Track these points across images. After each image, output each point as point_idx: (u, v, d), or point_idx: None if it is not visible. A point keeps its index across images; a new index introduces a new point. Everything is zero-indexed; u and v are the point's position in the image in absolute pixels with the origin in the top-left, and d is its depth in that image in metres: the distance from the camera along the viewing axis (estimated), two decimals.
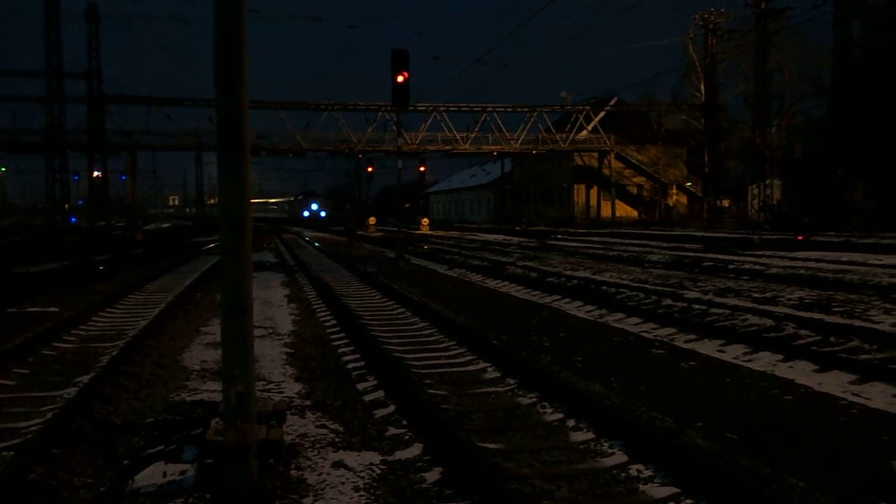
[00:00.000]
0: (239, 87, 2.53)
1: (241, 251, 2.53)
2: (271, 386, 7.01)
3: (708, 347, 8.51)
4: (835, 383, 6.72)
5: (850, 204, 36.54)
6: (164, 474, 4.49)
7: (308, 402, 6.41)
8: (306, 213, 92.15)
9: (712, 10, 50.52)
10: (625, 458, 4.86)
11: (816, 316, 9.99)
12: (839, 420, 5.64)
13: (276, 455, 4.66)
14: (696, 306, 11.30)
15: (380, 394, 6.65)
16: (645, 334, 9.48)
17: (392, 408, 6.17)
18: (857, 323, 9.40)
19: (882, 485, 4.33)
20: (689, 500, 4.19)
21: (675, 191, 61.06)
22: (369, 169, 64.93)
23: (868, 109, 34.06)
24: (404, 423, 5.75)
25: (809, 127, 46.62)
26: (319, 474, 4.64)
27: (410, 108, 36.15)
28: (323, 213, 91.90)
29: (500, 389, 6.87)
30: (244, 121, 2.55)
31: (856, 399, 6.17)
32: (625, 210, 61.35)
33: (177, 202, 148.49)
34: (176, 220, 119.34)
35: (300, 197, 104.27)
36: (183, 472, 4.49)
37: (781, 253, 22.49)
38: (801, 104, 50.37)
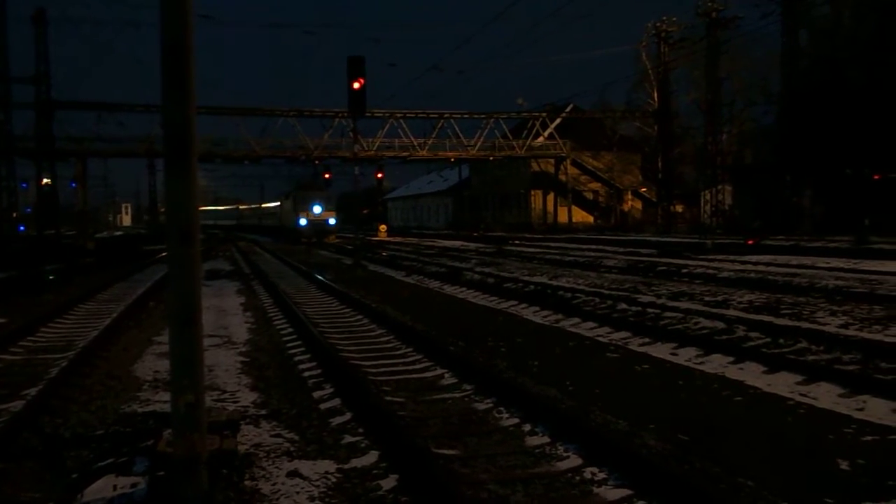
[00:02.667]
0: (186, 94, 2.51)
1: (188, 260, 2.50)
2: (226, 395, 6.93)
3: (661, 350, 8.64)
4: (783, 384, 6.87)
5: (798, 209, 37.42)
6: (115, 487, 4.40)
7: (263, 412, 6.34)
8: (303, 222, 48.98)
9: (664, 18, 51.41)
10: (580, 462, 4.91)
11: (766, 318, 10.21)
12: (787, 420, 5.77)
13: (230, 465, 4.61)
14: (650, 310, 11.47)
15: (336, 402, 6.61)
16: (600, 338, 9.58)
17: (349, 415, 6.14)
18: (805, 325, 9.63)
19: (828, 483, 4.44)
20: (641, 502, 4.25)
21: (630, 196, 61.88)
22: (326, 175, 64.52)
23: (815, 117, 34.95)
24: (361, 430, 5.73)
25: (759, 133, 47.70)
26: (274, 484, 4.60)
27: (367, 114, 36.04)
28: (332, 221, 49.81)
29: (456, 395, 6.88)
30: (192, 128, 2.53)
31: (803, 399, 6.32)
32: (581, 216, 61.96)
33: (129, 210, 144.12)
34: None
35: (294, 194, 53.67)
36: (134, 485, 4.41)
37: (733, 257, 22.94)
38: (751, 111, 51.51)
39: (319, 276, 18.54)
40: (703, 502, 3.95)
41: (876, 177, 31.45)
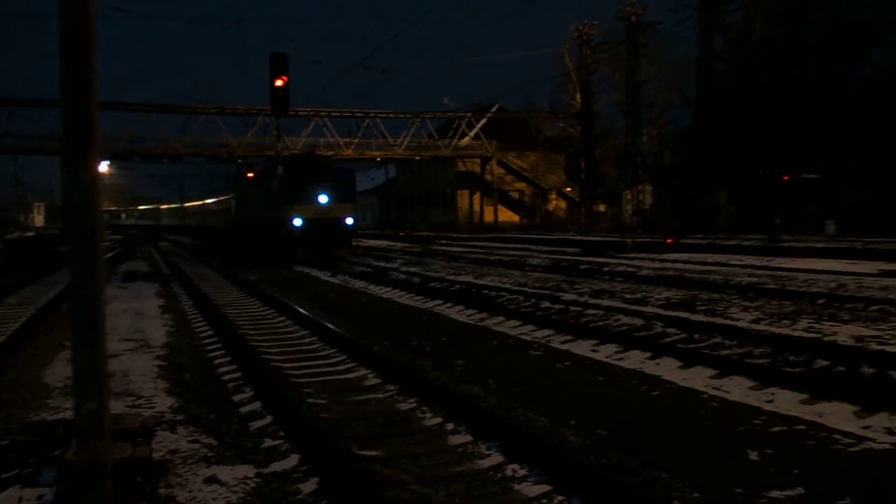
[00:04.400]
0: (87, 87, 2.40)
1: (91, 261, 2.40)
2: (141, 401, 6.71)
3: (583, 348, 8.79)
4: (698, 378, 7.08)
5: (714, 208, 38.73)
6: (20, 499, 4.22)
7: (180, 417, 6.16)
8: (298, 222, 25.61)
9: (586, 21, 52.47)
10: (501, 459, 4.94)
11: (682, 315, 10.51)
12: (701, 413, 5.95)
13: (143, 473, 4.46)
14: (573, 308, 11.66)
15: (256, 405, 6.49)
16: (524, 336, 9.69)
17: (269, 419, 6.03)
18: (719, 320, 9.96)
19: (739, 473, 4.59)
20: (560, 497, 4.31)
21: (554, 196, 62.88)
22: (250, 174, 63.34)
23: (729, 120, 36.22)
24: (281, 434, 5.63)
25: (677, 135, 49.13)
26: (190, 491, 4.48)
27: (291, 112, 35.54)
28: (350, 221, 26.80)
29: (379, 396, 6.84)
30: (93, 123, 2.43)
31: (716, 393, 6.52)
32: (507, 215, 62.62)
33: (41, 210, 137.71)
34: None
35: (275, 173, 28.02)
36: (40, 497, 4.24)
37: (652, 255, 23.57)
38: (669, 113, 53.02)
39: (242, 277, 18.17)
40: (620, 495, 4.02)
41: (785, 178, 32.82)
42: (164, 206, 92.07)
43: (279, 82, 18.26)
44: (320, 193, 25.38)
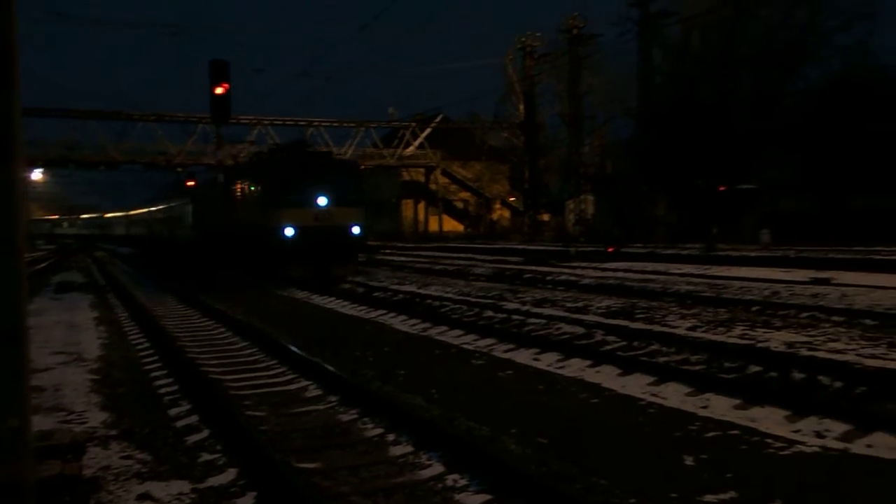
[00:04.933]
0: (9, 92, 2.33)
1: (11, 270, 2.32)
2: (73, 416, 6.50)
3: (525, 356, 8.84)
4: (636, 385, 7.19)
5: (653, 217, 39.53)
6: None
7: (113, 432, 5.99)
8: (290, 231, 19.24)
9: (528, 33, 53.14)
10: (442, 469, 4.93)
11: (622, 323, 10.67)
12: (638, 420, 6.04)
13: (72, 491, 4.32)
14: (515, 317, 11.74)
15: (193, 419, 6.35)
16: (466, 346, 9.70)
17: (206, 433, 5.90)
18: (657, 328, 10.14)
19: (675, 478, 4.67)
20: None
21: (498, 205, 63.34)
22: (190, 183, 62.24)
23: (668, 131, 37.07)
24: (219, 448, 5.51)
25: (619, 146, 50.03)
26: None
27: (233, 120, 35.09)
28: (357, 230, 20.26)
29: (320, 407, 6.77)
30: (16, 129, 2.35)
31: (654, 399, 6.64)
32: (452, 224, 62.83)
33: None
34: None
35: (262, 165, 22.73)
36: None
37: (594, 264, 23.91)
38: (611, 124, 53.92)
39: (180, 286, 17.80)
40: (560, 502, 4.05)
41: (722, 188, 33.70)
42: (109, 215, 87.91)
43: (220, 90, 17.92)
44: (319, 194, 19.50)
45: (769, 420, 5.90)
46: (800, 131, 34.46)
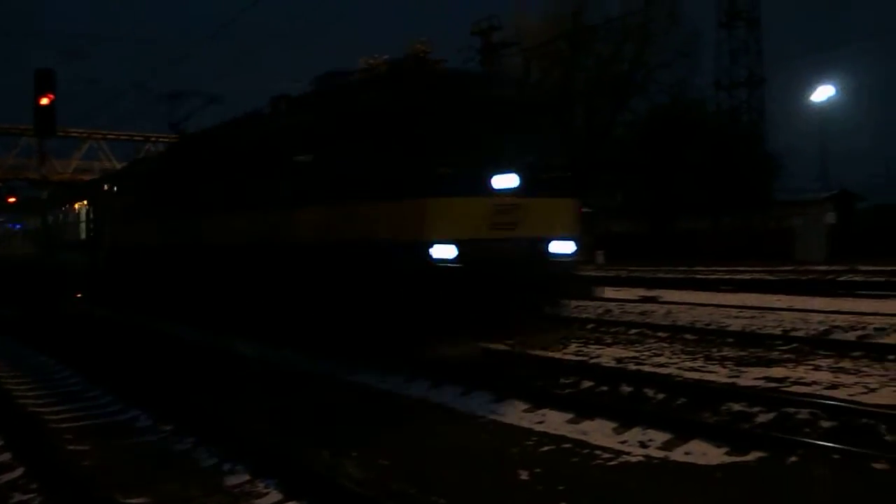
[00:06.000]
0: None
1: None
2: None
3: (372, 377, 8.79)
4: (476, 404, 7.33)
5: None
6: None
7: None
8: (445, 252, 7.86)
9: (376, 55, 53.45)
10: (280, 497, 4.80)
11: None
12: (480, 437, 6.16)
13: None
14: None
15: (6, 456, 5.83)
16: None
17: (20, 471, 5.43)
18: None
19: (510, 493, 4.80)
20: None
21: None
22: (11, 199, 57.49)
23: None
24: (34, 486, 5.09)
25: None
26: None
27: (60, 133, 32.80)
28: (571, 249, 8.88)
29: (152, 438, 6.41)
30: None
31: (494, 417, 6.79)
32: None
33: None
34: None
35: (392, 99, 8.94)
36: None
37: None
38: None
39: None
40: None
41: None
42: None
43: (44, 101, 16.73)
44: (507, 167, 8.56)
45: (598, 432, 6.20)
46: (627, 160, 36.86)
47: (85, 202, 21.81)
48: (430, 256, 7.85)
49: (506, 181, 8.34)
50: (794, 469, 5.19)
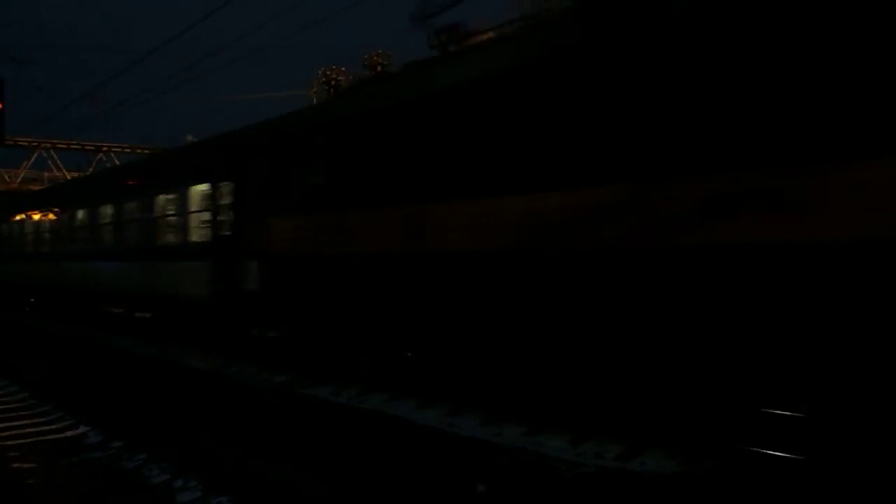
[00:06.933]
0: None
1: None
2: None
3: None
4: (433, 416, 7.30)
5: None
6: None
7: None
8: None
9: (333, 67, 53.37)
10: None
11: None
12: None
13: None
14: None
15: None
16: None
17: None
18: None
19: None
20: None
21: None
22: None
23: None
24: None
25: None
26: None
27: (9, 142, 32.03)
28: None
29: (101, 455, 6.26)
30: None
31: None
32: None
33: None
34: None
35: None
36: None
37: None
38: None
39: None
40: None
41: None
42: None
43: None
44: None
45: None
46: None
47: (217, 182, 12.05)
48: None
49: None
50: None
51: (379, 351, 8.82)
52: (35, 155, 48.17)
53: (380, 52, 48.43)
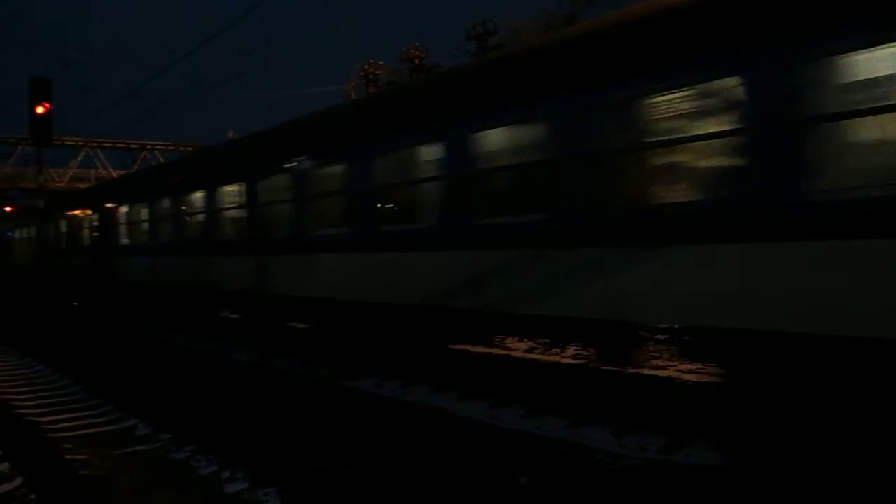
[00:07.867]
0: None
1: None
2: None
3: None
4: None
5: None
6: None
7: None
8: None
9: (371, 61, 53.56)
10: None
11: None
12: None
13: None
14: None
15: (5, 465, 5.81)
16: None
17: (18, 481, 5.42)
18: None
19: None
20: None
21: None
22: (8, 209, 57.38)
23: None
24: (33, 497, 5.07)
25: None
26: None
27: (56, 142, 32.80)
28: None
29: (150, 447, 6.39)
30: None
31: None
32: None
33: None
34: None
35: None
36: None
37: None
38: None
39: None
40: None
41: None
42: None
43: (41, 109, 16.80)
44: None
45: None
46: None
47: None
48: None
49: None
50: None
51: None
52: (82, 154, 49.27)
53: (417, 45, 48.52)
